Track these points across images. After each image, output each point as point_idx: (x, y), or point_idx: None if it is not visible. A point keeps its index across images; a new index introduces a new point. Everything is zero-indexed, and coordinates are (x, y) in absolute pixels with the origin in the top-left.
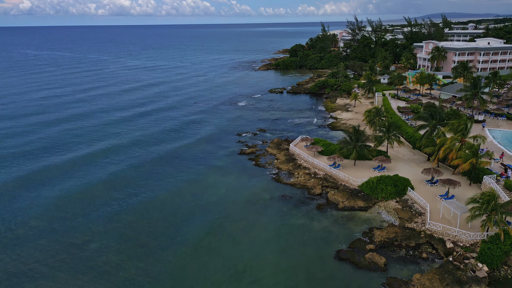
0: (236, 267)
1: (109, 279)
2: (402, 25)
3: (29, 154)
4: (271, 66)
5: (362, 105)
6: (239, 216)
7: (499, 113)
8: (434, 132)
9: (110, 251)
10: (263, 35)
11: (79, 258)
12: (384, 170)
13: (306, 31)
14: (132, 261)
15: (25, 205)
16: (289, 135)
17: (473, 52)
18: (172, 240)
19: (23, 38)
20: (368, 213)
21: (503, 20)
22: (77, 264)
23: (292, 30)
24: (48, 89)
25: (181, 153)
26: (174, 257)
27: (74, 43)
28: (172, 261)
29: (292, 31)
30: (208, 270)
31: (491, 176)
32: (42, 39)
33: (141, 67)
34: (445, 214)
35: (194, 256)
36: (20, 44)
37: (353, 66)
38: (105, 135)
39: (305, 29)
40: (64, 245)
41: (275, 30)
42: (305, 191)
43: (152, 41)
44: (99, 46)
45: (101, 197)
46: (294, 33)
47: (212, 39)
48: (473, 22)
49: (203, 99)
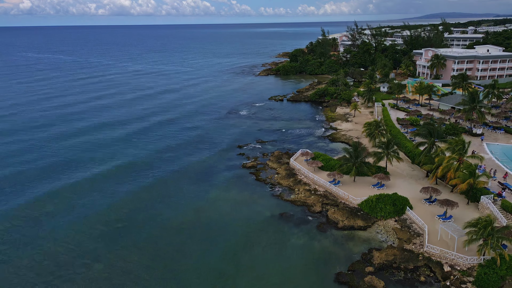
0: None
1: None
2: (402, 26)
3: (33, 174)
4: (271, 71)
5: (362, 115)
6: (240, 235)
7: (497, 126)
8: (432, 149)
9: (115, 273)
10: (263, 37)
11: (84, 278)
12: (383, 187)
13: (306, 32)
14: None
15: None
16: (289, 147)
17: (472, 60)
18: (174, 260)
19: (23, 39)
20: (367, 232)
21: (503, 21)
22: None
23: (292, 31)
24: (52, 97)
25: (183, 167)
26: (176, 278)
27: (75, 46)
28: (173, 281)
29: (292, 32)
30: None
31: (488, 196)
32: (43, 41)
33: (142, 73)
34: (443, 236)
35: (196, 276)
36: (21, 46)
37: (353, 73)
38: (108, 154)
39: (305, 30)
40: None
41: (275, 31)
42: (306, 209)
43: (152, 43)
44: (100, 48)
45: (102, 220)
46: (294, 34)
47: (213, 41)
48: (473, 23)
49: (205, 109)
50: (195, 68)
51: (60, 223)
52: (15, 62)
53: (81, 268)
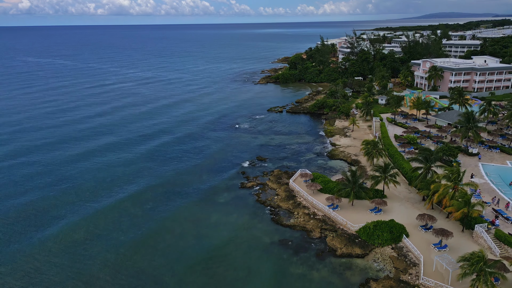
0: None
1: None
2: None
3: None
4: (270, 79)
5: (360, 129)
6: (241, 263)
7: (493, 145)
8: (428, 174)
9: None
10: (262, 39)
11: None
12: (381, 212)
13: (306, 33)
14: None
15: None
16: (289, 165)
17: (470, 72)
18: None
19: (24, 42)
20: (365, 260)
21: (501, 23)
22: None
23: (292, 32)
24: (56, 111)
25: (184, 186)
26: None
27: (76, 50)
28: None
29: (292, 33)
30: None
31: (482, 225)
32: (44, 44)
33: (141, 80)
34: (438, 267)
35: None
36: (22, 50)
37: (352, 84)
38: (109, 176)
39: (305, 31)
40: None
41: (275, 32)
42: (305, 234)
43: (152, 46)
44: (100, 52)
45: (103, 247)
46: (293, 36)
47: (212, 44)
48: (471, 24)
49: (205, 122)
50: (195, 75)
51: (55, 247)
52: (17, 69)
53: None
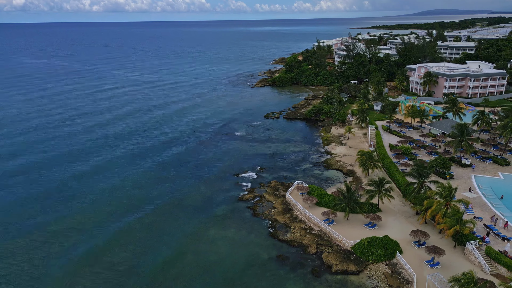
0: None
1: None
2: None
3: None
4: (267, 82)
5: (356, 137)
6: (239, 280)
7: (486, 156)
8: (422, 189)
9: None
10: (259, 38)
11: None
12: (375, 227)
13: (302, 32)
14: None
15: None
16: (285, 176)
17: (464, 78)
18: None
19: (20, 41)
20: (359, 277)
21: (496, 21)
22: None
23: (288, 30)
24: (54, 122)
25: (182, 199)
26: None
27: (71, 50)
28: None
29: (288, 32)
30: None
31: (473, 242)
32: (41, 44)
33: (139, 85)
34: (430, 285)
35: None
36: (19, 51)
37: (347, 89)
38: (105, 184)
39: (301, 29)
40: None
41: (271, 30)
42: (301, 250)
43: (149, 46)
44: (96, 52)
45: (100, 263)
46: (290, 35)
47: (208, 44)
48: (467, 22)
49: (202, 128)
50: (192, 76)
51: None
52: (16, 72)
53: None
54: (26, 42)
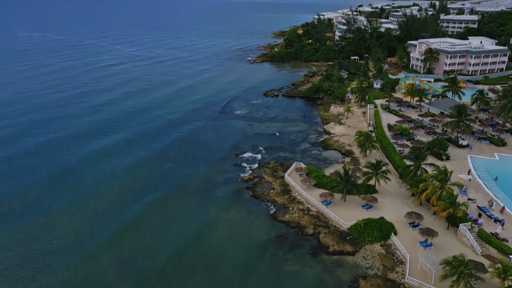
0: None
1: None
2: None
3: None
4: (266, 58)
5: (355, 116)
6: (238, 264)
7: (483, 136)
8: (418, 171)
9: None
10: (258, 9)
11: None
12: (371, 208)
13: (303, 2)
14: None
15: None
16: (284, 156)
17: (465, 54)
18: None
19: (13, 15)
20: (355, 258)
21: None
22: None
23: (289, 0)
24: (51, 102)
25: (183, 181)
26: None
27: (68, 23)
28: None
29: (289, 2)
30: None
31: (466, 224)
32: (34, 17)
33: (137, 62)
34: (423, 266)
35: None
36: (13, 24)
37: (348, 66)
38: (104, 167)
39: (302, 0)
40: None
41: (271, 1)
42: (299, 231)
43: (147, 20)
44: (92, 26)
45: (104, 246)
46: (289, 5)
47: (206, 17)
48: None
49: (201, 107)
50: (191, 52)
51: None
52: (13, 47)
53: None
54: (20, 15)
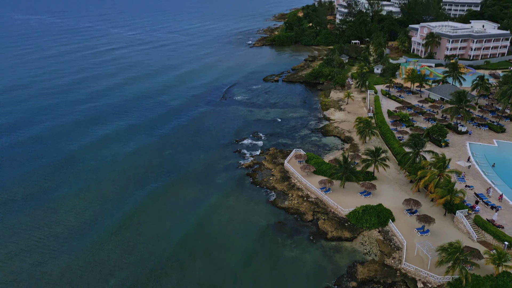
0: None
1: None
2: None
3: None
4: (266, 42)
5: (355, 102)
6: (239, 247)
7: (482, 123)
8: (417, 159)
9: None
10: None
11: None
12: (370, 195)
13: None
14: None
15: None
16: (284, 143)
17: (467, 39)
18: (178, 276)
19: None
20: (353, 243)
21: None
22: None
23: None
24: (56, 88)
25: (183, 167)
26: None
27: (63, 3)
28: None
29: None
30: None
31: (462, 211)
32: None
33: (137, 46)
34: (419, 252)
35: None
36: (9, 6)
37: (348, 51)
38: (105, 155)
39: None
40: None
41: None
42: (298, 217)
43: (147, 2)
44: (90, 8)
45: (108, 233)
46: None
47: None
48: None
49: (201, 93)
50: (191, 35)
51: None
52: (9, 31)
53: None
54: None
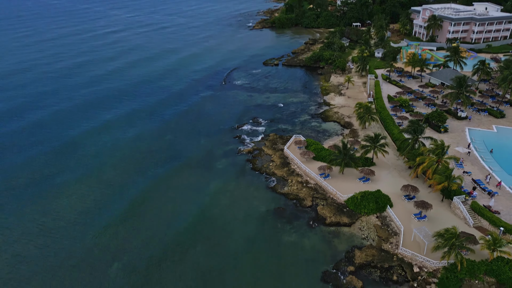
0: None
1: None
2: None
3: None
4: (266, 24)
5: (355, 87)
6: (240, 233)
7: (482, 108)
8: (416, 145)
9: (127, 271)
10: None
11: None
12: (369, 181)
13: None
14: None
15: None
16: (284, 128)
17: (469, 22)
18: (181, 261)
19: None
20: (351, 229)
21: None
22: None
23: None
24: (55, 73)
25: (184, 153)
26: (178, 276)
27: None
28: (179, 280)
29: None
30: None
31: (460, 197)
32: None
33: (135, 29)
34: (416, 237)
35: (198, 279)
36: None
37: (349, 34)
38: (105, 141)
39: None
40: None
41: None
42: (298, 203)
43: None
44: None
45: (109, 218)
46: None
47: None
48: None
49: (201, 77)
50: (191, 17)
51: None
52: (5, 12)
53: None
54: None
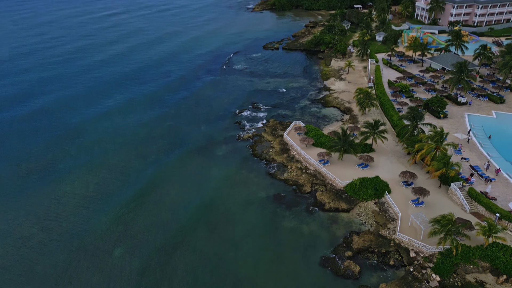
0: (237, 275)
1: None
2: None
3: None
4: (266, 6)
5: (356, 71)
6: (240, 218)
7: (482, 93)
8: (415, 131)
9: (130, 255)
10: None
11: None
12: (368, 167)
13: None
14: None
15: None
16: (284, 114)
17: (471, 4)
18: (184, 246)
19: None
20: (349, 214)
21: None
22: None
23: None
24: (54, 58)
25: (184, 139)
26: (180, 260)
27: None
28: (181, 265)
29: None
30: (213, 277)
31: (457, 183)
32: None
33: (134, 11)
34: (413, 223)
35: (201, 263)
36: None
37: (350, 16)
38: (109, 126)
39: None
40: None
41: None
42: (297, 189)
43: None
44: None
45: (111, 203)
46: None
47: None
48: None
49: (201, 62)
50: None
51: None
52: None
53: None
54: None
